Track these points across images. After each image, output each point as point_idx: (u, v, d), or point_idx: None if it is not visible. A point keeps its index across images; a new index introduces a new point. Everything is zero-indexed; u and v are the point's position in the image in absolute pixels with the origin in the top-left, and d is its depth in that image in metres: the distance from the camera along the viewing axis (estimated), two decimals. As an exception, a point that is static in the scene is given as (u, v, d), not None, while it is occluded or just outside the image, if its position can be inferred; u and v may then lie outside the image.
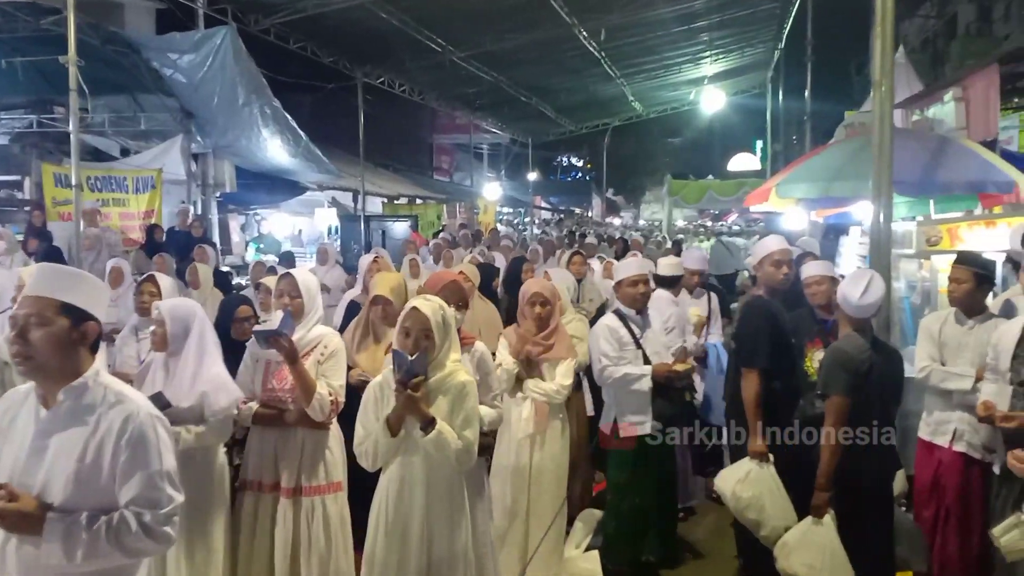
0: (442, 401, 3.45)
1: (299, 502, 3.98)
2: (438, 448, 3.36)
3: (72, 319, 2.40)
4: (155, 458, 2.40)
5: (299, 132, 13.66)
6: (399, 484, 3.48)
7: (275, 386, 4.03)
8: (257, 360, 4.09)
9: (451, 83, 19.13)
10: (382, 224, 16.40)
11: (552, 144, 35.39)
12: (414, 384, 3.32)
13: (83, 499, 2.35)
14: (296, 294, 4.08)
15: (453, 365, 3.52)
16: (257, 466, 4.06)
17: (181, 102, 13.45)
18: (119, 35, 11.98)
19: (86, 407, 2.41)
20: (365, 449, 3.48)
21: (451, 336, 3.55)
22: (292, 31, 13.64)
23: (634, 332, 4.96)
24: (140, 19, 19.21)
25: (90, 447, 2.37)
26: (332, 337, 4.14)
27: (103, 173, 13.12)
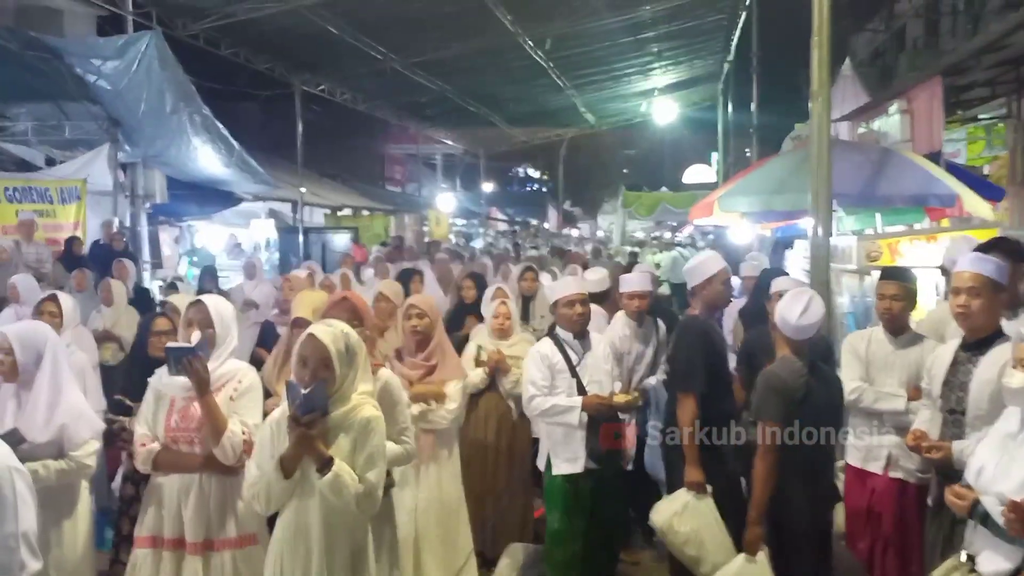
0: (344, 439, 3.06)
1: (209, 558, 3.53)
2: (335, 492, 2.98)
3: None
4: (10, 517, 2.08)
5: (231, 141, 13.16)
6: (294, 531, 3.09)
7: (180, 424, 3.59)
8: (160, 397, 3.64)
9: (396, 92, 18.74)
10: (322, 236, 15.95)
11: (507, 155, 35.24)
12: (309, 420, 2.94)
13: None
14: (207, 324, 3.65)
15: (359, 399, 3.13)
16: (156, 518, 3.59)
17: (107, 110, 12.86)
18: (39, 40, 11.39)
19: None
20: (257, 492, 3.10)
21: (357, 366, 3.15)
22: (223, 36, 13.15)
23: (570, 358, 4.55)
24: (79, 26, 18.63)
25: None
26: (248, 372, 3.73)
27: (23, 183, 12.50)
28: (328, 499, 3.02)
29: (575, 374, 4.52)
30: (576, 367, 4.54)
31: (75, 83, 12.23)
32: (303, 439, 2.97)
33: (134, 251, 12.62)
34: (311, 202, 17.83)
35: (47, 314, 5.09)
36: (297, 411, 2.97)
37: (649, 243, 27.87)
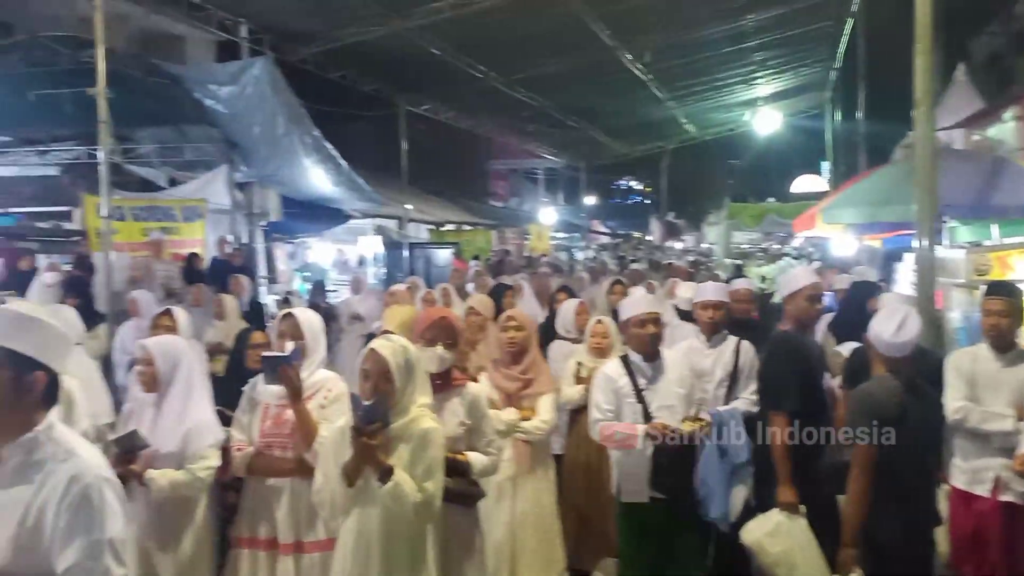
0: (403, 450, 3.18)
1: (300, 560, 3.70)
2: (395, 500, 3.09)
3: (16, 368, 2.18)
4: (98, 525, 2.15)
5: (340, 161, 13.65)
6: (356, 538, 3.20)
7: (273, 430, 3.78)
8: (255, 404, 3.85)
9: (498, 109, 19.05)
10: (425, 251, 16.28)
11: (610, 167, 35.15)
12: (370, 431, 3.07)
13: (22, 565, 2.14)
14: (299, 335, 3.83)
15: (418, 411, 3.25)
16: (251, 520, 3.78)
17: (224, 133, 13.56)
18: (160, 67, 12.13)
19: (34, 464, 2.19)
20: (323, 498, 3.25)
21: (416, 379, 3.27)
22: (331, 60, 13.69)
23: (637, 382, 4.24)
24: (200, 51, 19.71)
25: (32, 509, 2.15)
26: (336, 381, 3.90)
27: (147, 203, 13.26)
28: (389, 507, 3.13)
29: (641, 399, 4.20)
30: (643, 391, 4.22)
31: (194, 107, 12.96)
32: (365, 449, 3.09)
33: (251, 267, 13.15)
34: (416, 218, 18.25)
35: (163, 327, 5.26)
36: (359, 422, 3.09)
37: (755, 255, 27.26)
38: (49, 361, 2.24)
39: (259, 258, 14.71)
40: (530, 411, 4.60)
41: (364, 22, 12.43)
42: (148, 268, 10.82)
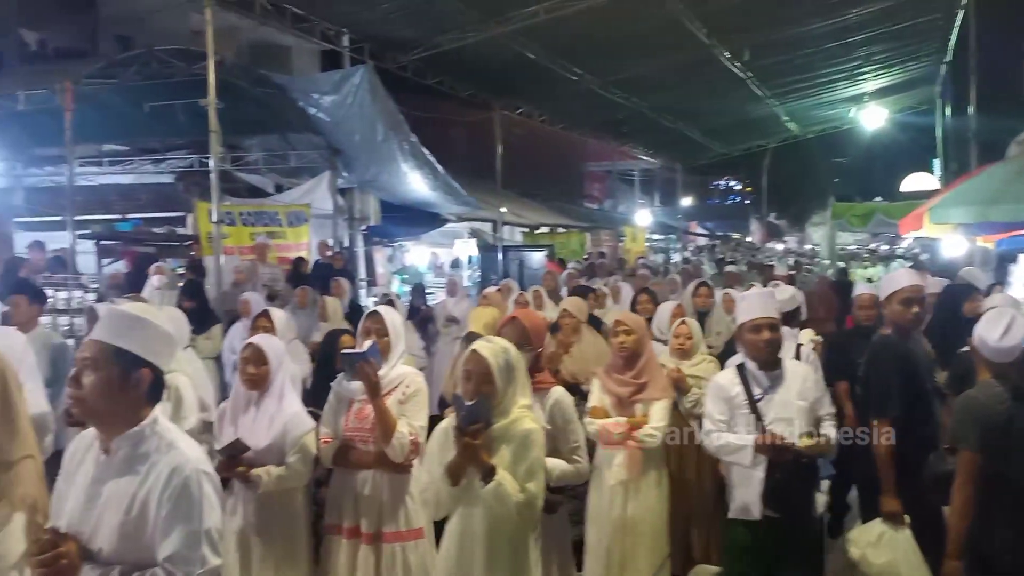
0: (505, 450, 3.24)
1: (380, 549, 3.85)
2: (498, 500, 3.15)
3: (124, 365, 2.33)
4: (196, 515, 2.29)
5: (436, 166, 13.90)
6: (460, 537, 3.30)
7: (356, 425, 3.93)
8: (340, 399, 4.01)
9: (592, 111, 19.01)
10: (519, 254, 16.41)
11: (707, 168, 34.60)
12: (473, 431, 3.14)
13: (127, 552, 2.28)
14: (383, 332, 3.98)
15: (519, 412, 3.30)
16: (337, 509, 3.97)
17: (327, 140, 14.01)
18: (267, 77, 12.61)
19: (140, 456, 2.34)
20: (428, 497, 3.37)
21: (517, 381, 3.33)
22: (428, 67, 13.95)
23: (752, 391, 3.99)
24: (305, 60, 20.43)
25: (137, 499, 2.29)
26: (415, 377, 4.03)
27: (255, 209, 13.80)
28: (492, 507, 3.19)
29: (755, 410, 3.95)
30: (758, 402, 3.96)
31: (299, 116, 13.42)
32: (467, 449, 3.16)
33: (351, 270, 13.53)
34: (511, 221, 18.42)
35: (261, 328, 5.48)
36: (461, 422, 3.17)
37: (862, 256, 26.37)
38: (154, 359, 2.37)
39: (359, 261, 15.15)
40: (643, 417, 4.56)
41: (461, 28, 12.64)
42: (252, 271, 11.26)
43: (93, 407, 2.33)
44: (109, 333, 2.36)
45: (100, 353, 2.32)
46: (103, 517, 2.31)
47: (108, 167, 15.14)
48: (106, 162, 15.09)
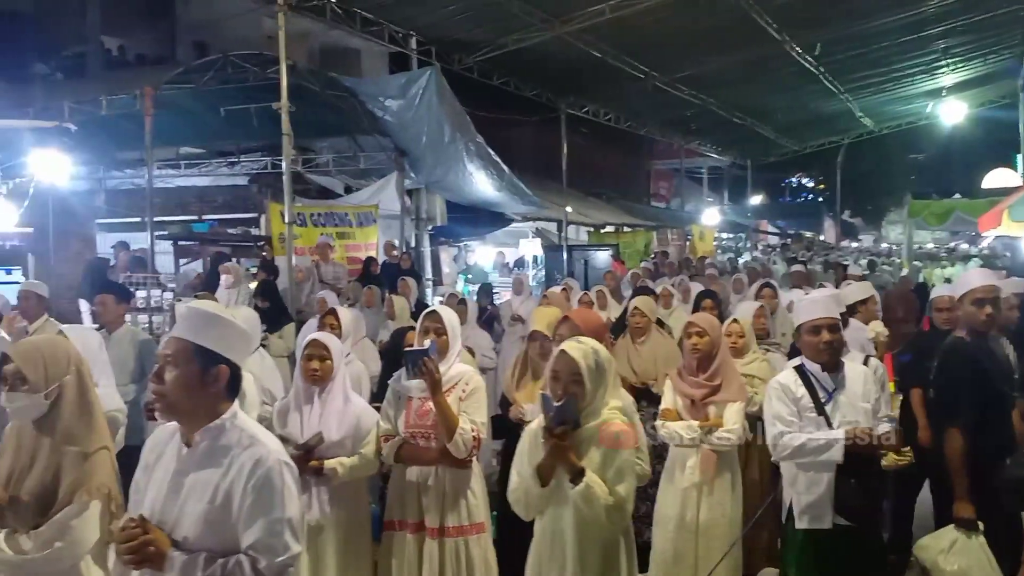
0: (594, 452, 3.19)
1: (444, 543, 3.91)
2: (587, 502, 3.11)
3: (202, 362, 2.41)
4: (278, 505, 2.37)
5: (502, 166, 13.96)
6: (550, 537, 3.29)
7: (417, 422, 3.99)
8: (400, 396, 4.07)
9: (658, 109, 18.87)
10: (584, 254, 16.35)
11: (778, 165, 33.91)
12: (561, 432, 3.11)
13: (211, 540, 2.36)
14: (441, 331, 4.03)
15: (609, 413, 3.26)
16: (400, 505, 4.03)
17: (395, 141, 14.20)
18: (337, 81, 12.84)
19: (221, 449, 2.42)
20: (517, 497, 3.31)
21: (606, 381, 3.29)
22: (494, 68, 14.03)
23: (817, 394, 3.83)
24: (374, 62, 20.76)
25: (220, 489, 2.38)
26: (473, 375, 4.08)
27: (325, 209, 14.07)
28: (580, 509, 3.15)
29: (823, 412, 3.81)
30: (825, 405, 3.82)
31: (367, 118, 13.64)
32: (557, 450, 3.13)
33: (418, 270, 13.69)
34: (576, 220, 18.37)
35: (328, 326, 5.53)
36: (550, 423, 3.14)
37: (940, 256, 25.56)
38: (231, 355, 2.45)
39: (425, 261, 15.32)
40: (716, 419, 4.51)
41: (527, 29, 12.69)
42: (311, 270, 11.47)
43: (174, 402, 2.42)
44: (188, 331, 2.45)
45: (180, 350, 2.41)
46: (186, 507, 2.39)
47: (185, 170, 15.62)
48: (183, 165, 15.58)
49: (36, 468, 2.87)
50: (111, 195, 15.02)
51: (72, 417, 2.93)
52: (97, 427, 2.97)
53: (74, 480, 2.84)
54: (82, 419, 2.94)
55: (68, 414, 2.92)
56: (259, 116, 12.83)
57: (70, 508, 2.81)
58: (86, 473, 2.85)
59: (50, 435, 2.89)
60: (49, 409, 2.91)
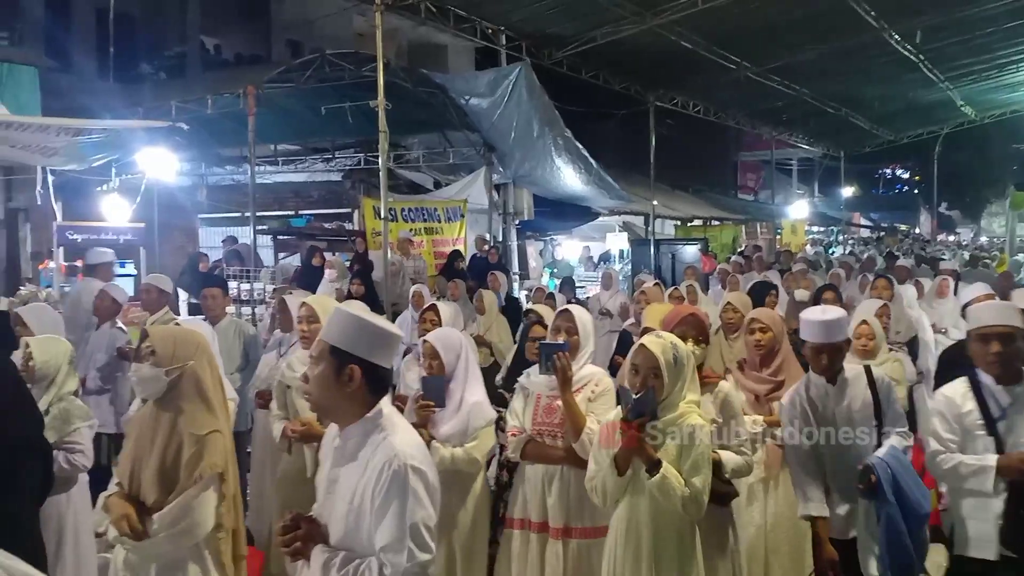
0: (671, 444, 3.27)
1: (568, 544, 3.88)
2: (663, 493, 3.19)
3: (337, 362, 2.42)
4: (405, 510, 2.32)
5: (590, 160, 13.98)
6: (626, 525, 3.36)
7: (544, 419, 3.98)
8: (528, 394, 4.07)
9: (749, 99, 18.54)
10: (671, 248, 16.23)
11: (872, 156, 32.86)
12: (639, 423, 3.19)
13: (350, 538, 2.39)
14: (573, 331, 4.02)
15: (686, 407, 3.33)
16: (524, 503, 3.97)
17: (483, 137, 14.37)
18: (428, 77, 13.06)
19: (361, 448, 2.42)
20: (595, 485, 3.39)
21: (685, 376, 3.34)
22: (583, 61, 14.02)
23: (990, 410, 3.48)
24: (461, 58, 21.03)
25: (358, 488, 2.38)
26: (603, 376, 4.05)
27: (415, 205, 14.35)
28: (657, 499, 3.23)
29: (994, 432, 3.44)
30: (997, 423, 3.46)
31: (457, 114, 13.83)
32: (634, 441, 3.21)
33: (506, 263, 13.82)
34: (663, 214, 18.25)
35: (428, 321, 5.62)
36: (628, 414, 3.21)
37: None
38: (367, 356, 2.44)
39: (512, 255, 15.45)
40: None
41: (618, 21, 12.64)
42: (401, 264, 11.69)
43: (317, 399, 2.48)
44: (327, 332, 2.49)
45: (321, 350, 2.46)
46: (336, 503, 2.43)
47: (282, 166, 16.12)
48: (280, 161, 16.07)
49: (156, 448, 3.01)
50: (212, 191, 15.61)
51: (189, 400, 3.06)
52: (213, 412, 3.10)
53: (190, 461, 2.98)
54: (199, 403, 3.07)
55: (186, 396, 3.06)
56: (354, 113, 13.15)
57: (190, 491, 2.94)
58: (201, 454, 2.98)
59: (169, 416, 3.04)
60: (169, 388, 3.05)
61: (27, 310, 5.16)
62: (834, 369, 3.88)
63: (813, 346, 3.86)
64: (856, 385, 3.90)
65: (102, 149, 8.51)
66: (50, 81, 9.50)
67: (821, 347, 3.84)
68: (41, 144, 7.79)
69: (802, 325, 3.92)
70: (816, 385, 3.91)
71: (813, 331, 3.86)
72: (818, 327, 3.84)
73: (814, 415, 3.88)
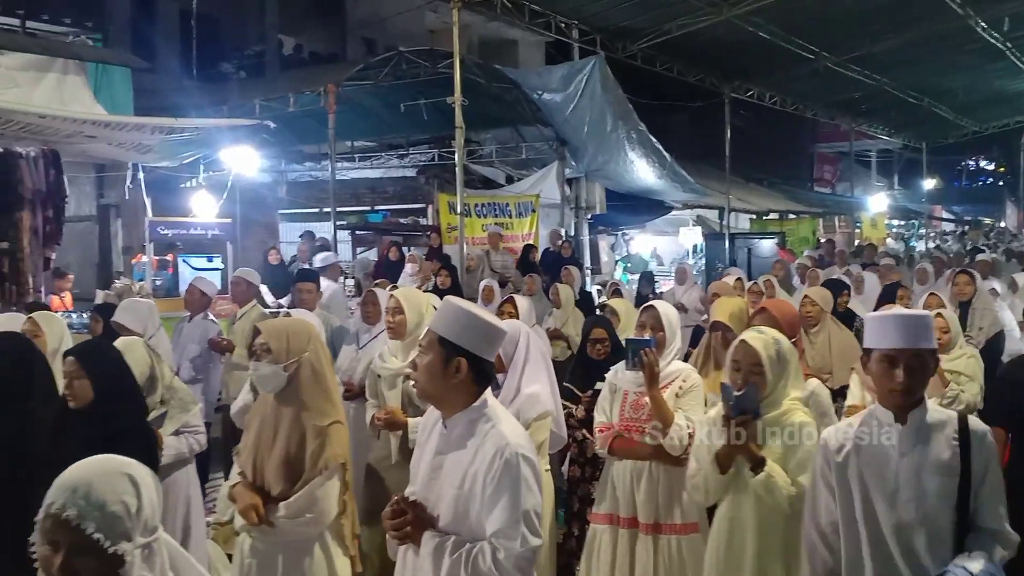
0: (775, 442, 3.21)
1: (658, 540, 3.85)
2: (767, 491, 3.14)
3: (445, 353, 2.47)
4: (516, 496, 2.38)
5: (664, 153, 13.88)
6: (729, 524, 3.32)
7: (631, 415, 3.95)
8: (615, 389, 4.04)
9: (827, 90, 18.15)
10: (747, 242, 15.97)
11: (954, 147, 31.84)
12: (741, 421, 3.14)
13: (460, 523, 2.44)
14: (659, 327, 4.00)
15: (790, 404, 3.28)
16: (612, 498, 3.95)
17: (556, 131, 14.39)
18: (501, 72, 13.14)
19: (469, 436, 2.48)
20: (696, 482, 3.37)
21: (788, 373, 3.29)
22: (657, 54, 13.93)
23: None
24: (531, 53, 21.08)
25: (468, 475, 2.43)
26: (691, 372, 4.01)
27: (488, 200, 14.45)
28: (761, 497, 3.18)
29: None
30: None
31: (530, 108, 13.88)
32: (737, 439, 3.16)
33: (578, 258, 13.81)
34: (738, 208, 17.99)
35: (506, 314, 5.67)
36: (730, 412, 3.16)
37: None
38: (472, 349, 2.49)
39: (584, 249, 15.43)
40: None
41: (694, 13, 12.53)
42: (482, 259, 11.76)
43: (424, 387, 2.54)
44: (436, 323, 2.56)
45: (430, 340, 2.53)
46: (442, 489, 2.48)
47: (359, 162, 16.41)
48: (357, 158, 16.36)
49: (279, 439, 3.11)
50: (291, 187, 15.99)
51: (309, 391, 3.15)
52: (332, 402, 3.21)
53: (315, 452, 3.07)
54: (318, 394, 3.16)
55: (306, 388, 3.15)
56: (429, 109, 13.33)
57: (315, 480, 3.04)
58: (324, 445, 3.08)
59: (290, 407, 3.14)
60: (288, 382, 3.14)
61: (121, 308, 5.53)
62: (910, 398, 2.59)
63: (884, 355, 2.58)
64: (939, 436, 2.59)
65: (191, 146, 8.84)
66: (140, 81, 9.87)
67: (896, 356, 2.55)
68: (136, 142, 8.13)
69: (870, 327, 2.71)
70: (878, 421, 2.65)
71: (885, 332, 2.62)
72: (895, 325, 2.63)
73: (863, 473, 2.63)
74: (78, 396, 3.40)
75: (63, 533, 1.71)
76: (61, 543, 1.72)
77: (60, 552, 1.71)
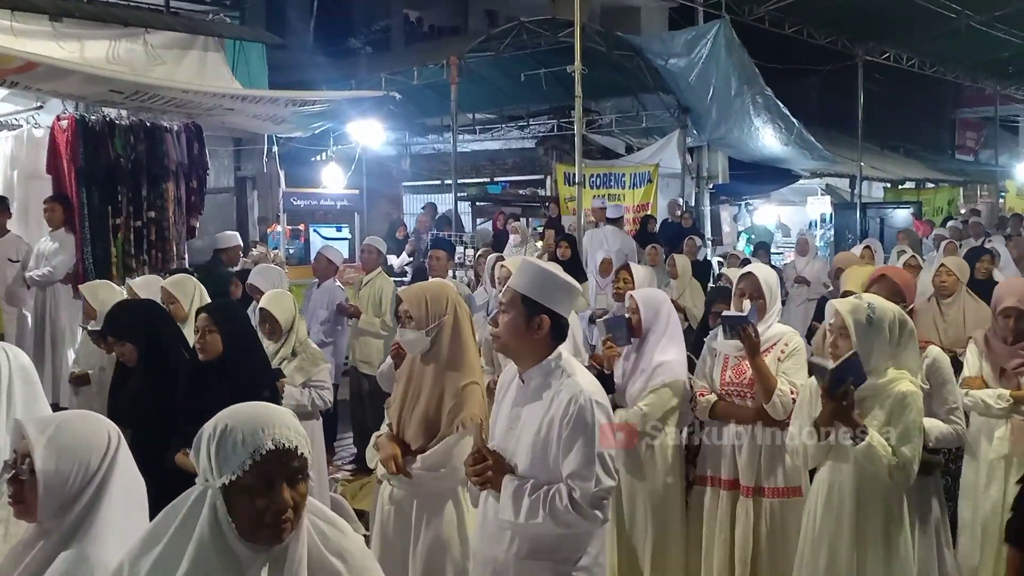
0: (878, 411, 3.19)
1: (760, 503, 3.91)
2: (868, 460, 3.12)
3: (528, 311, 2.67)
4: (590, 439, 2.56)
5: (791, 119, 13.41)
6: (827, 489, 3.32)
7: (733, 379, 3.98)
8: (715, 354, 4.08)
9: (971, 51, 16.95)
10: (880, 212, 15.28)
11: (1122, 109, 29.27)
12: (841, 391, 3.10)
13: (538, 467, 2.64)
14: (758, 294, 3.99)
15: (896, 373, 3.23)
16: (715, 462, 4.01)
17: (678, 99, 14.13)
18: (623, 40, 12.97)
19: (545, 387, 2.68)
20: (795, 447, 3.39)
21: (884, 338, 3.23)
22: (785, 16, 13.40)
23: None
24: (654, 19, 20.67)
25: (544, 423, 2.64)
26: (792, 336, 3.99)
27: (604, 170, 14.39)
28: (862, 465, 3.16)
29: None
30: None
31: (651, 76, 13.67)
32: (837, 408, 3.12)
33: (698, 228, 13.59)
34: (870, 176, 17.19)
35: (623, 279, 5.78)
36: (826, 383, 3.12)
37: None
38: (553, 307, 2.69)
39: (704, 220, 15.15)
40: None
41: (824, -28, 12.01)
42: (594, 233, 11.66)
43: (505, 343, 2.74)
44: (518, 282, 2.73)
45: (512, 298, 2.71)
46: (520, 437, 2.69)
47: (479, 134, 16.61)
48: (478, 130, 16.56)
49: (423, 397, 3.29)
50: (414, 159, 16.36)
51: (449, 352, 3.30)
52: (469, 363, 3.34)
53: (452, 410, 3.23)
54: (457, 355, 3.31)
55: (446, 349, 3.30)
56: (548, 80, 13.32)
57: (451, 437, 3.19)
58: (461, 404, 3.23)
59: (432, 367, 3.31)
60: (431, 344, 3.31)
61: (255, 272, 6.22)
62: None
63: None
64: None
65: (321, 118, 9.17)
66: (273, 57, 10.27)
67: None
68: (271, 114, 8.52)
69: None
70: None
71: None
72: None
73: None
74: (209, 349, 3.71)
75: (290, 462, 1.69)
76: (285, 474, 1.69)
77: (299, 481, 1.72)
